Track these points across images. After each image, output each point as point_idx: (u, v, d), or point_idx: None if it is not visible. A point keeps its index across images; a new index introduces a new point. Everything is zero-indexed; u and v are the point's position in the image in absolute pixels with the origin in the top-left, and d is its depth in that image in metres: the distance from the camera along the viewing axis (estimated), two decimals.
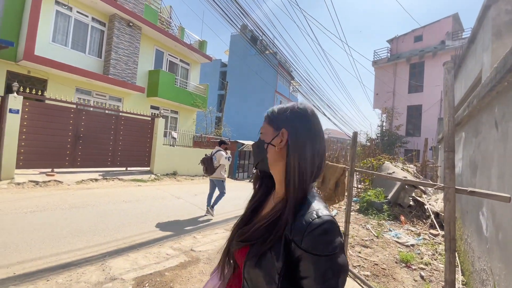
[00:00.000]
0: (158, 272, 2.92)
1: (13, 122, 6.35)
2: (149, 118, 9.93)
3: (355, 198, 7.56)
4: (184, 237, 4.09)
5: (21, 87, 6.85)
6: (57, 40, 9.58)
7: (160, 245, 3.66)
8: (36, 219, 4.09)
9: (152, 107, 13.13)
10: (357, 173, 5.25)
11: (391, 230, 5.24)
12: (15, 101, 6.36)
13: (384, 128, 20.33)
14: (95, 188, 6.77)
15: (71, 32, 9.95)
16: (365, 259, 3.83)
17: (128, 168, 9.21)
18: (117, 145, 8.82)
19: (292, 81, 24.13)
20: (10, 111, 6.31)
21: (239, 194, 7.73)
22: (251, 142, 13.47)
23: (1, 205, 4.56)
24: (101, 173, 8.06)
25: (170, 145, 11.46)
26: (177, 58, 14.46)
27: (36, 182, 6.36)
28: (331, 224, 0.60)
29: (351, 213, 6.09)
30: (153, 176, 9.14)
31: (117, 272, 2.79)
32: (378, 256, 3.95)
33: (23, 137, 6.64)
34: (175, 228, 4.42)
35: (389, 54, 22.41)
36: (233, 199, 6.61)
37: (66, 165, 7.59)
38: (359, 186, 8.70)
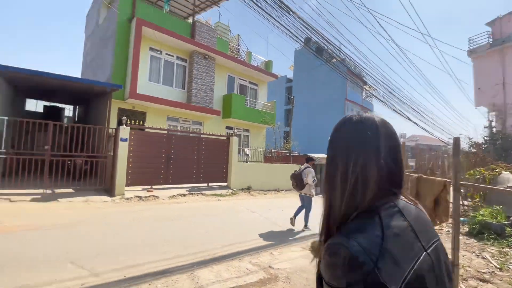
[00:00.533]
0: (240, 286, 2.97)
1: (123, 149, 7.90)
2: (225, 138, 10.77)
3: (462, 219, 6.16)
4: (262, 253, 4.09)
5: (128, 120, 8.53)
6: (152, 79, 11.67)
7: (240, 259, 3.76)
8: (140, 229, 4.85)
9: (227, 127, 14.26)
10: (462, 187, 4.27)
11: None
12: (124, 131, 7.93)
13: (494, 129, 16.35)
14: (183, 203, 7.64)
15: (162, 71, 11.98)
16: None
17: (209, 184, 10.09)
18: (200, 163, 9.84)
19: (364, 86, 22.39)
20: (121, 139, 7.88)
21: (316, 211, 7.37)
22: (322, 155, 12.91)
23: (115, 216, 5.61)
24: (187, 189, 9.07)
25: (244, 161, 12.06)
26: (246, 81, 15.49)
27: (140, 197, 7.62)
28: (334, 253, 0.54)
29: (459, 237, 4.93)
30: (230, 190, 9.72)
31: (204, 283, 2.97)
32: None
33: (130, 160, 8.15)
34: (253, 243, 4.49)
35: (491, 39, 18.37)
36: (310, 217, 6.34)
37: (161, 182, 8.88)
38: (465, 203, 7.08)
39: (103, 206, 6.60)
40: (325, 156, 0.87)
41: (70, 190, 7.44)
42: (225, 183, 10.45)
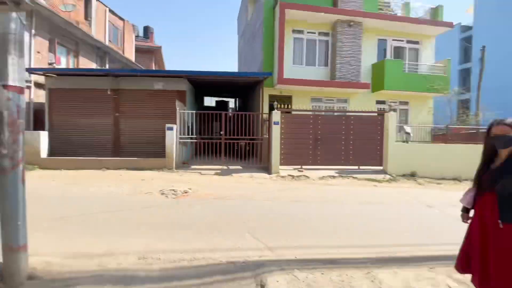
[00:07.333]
0: None
1: (276, 131, 8.43)
2: (377, 114, 9.25)
3: None
4: None
5: (278, 105, 8.99)
6: (296, 61, 11.76)
7: (430, 268, 2.85)
8: (299, 208, 4.90)
9: (378, 102, 12.29)
10: None
11: None
12: (276, 115, 8.41)
13: None
14: (335, 185, 7.23)
15: (304, 51, 11.82)
16: None
17: (360, 167, 9.10)
18: (348, 144, 9.02)
19: None
20: (274, 123, 8.42)
21: None
22: None
23: (275, 194, 6.03)
24: (336, 171, 8.58)
25: (404, 142, 9.99)
26: (402, 41, 12.56)
27: (292, 176, 7.94)
28: None
29: None
30: (387, 176, 8.31)
31: None
32: None
33: (282, 141, 8.61)
34: (444, 249, 3.36)
35: None
36: None
37: (309, 163, 8.90)
38: None
39: (264, 181, 7.38)
40: None
41: (239, 167, 8.91)
42: (380, 167, 9.05)
